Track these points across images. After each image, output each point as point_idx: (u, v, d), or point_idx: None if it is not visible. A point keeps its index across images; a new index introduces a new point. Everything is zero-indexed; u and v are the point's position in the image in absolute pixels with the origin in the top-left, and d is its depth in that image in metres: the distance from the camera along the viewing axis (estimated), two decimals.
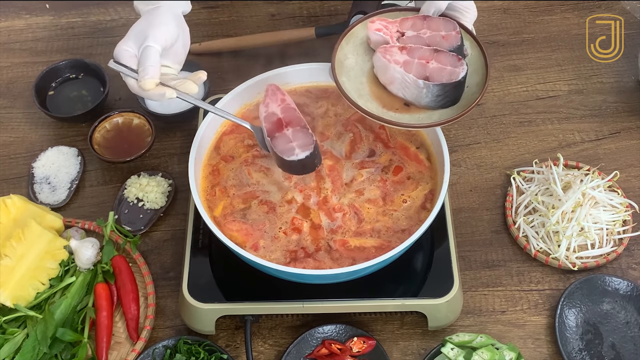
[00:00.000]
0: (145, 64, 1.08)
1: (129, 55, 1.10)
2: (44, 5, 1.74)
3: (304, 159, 1.12)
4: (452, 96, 1.13)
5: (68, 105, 1.54)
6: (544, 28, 1.67)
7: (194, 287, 1.21)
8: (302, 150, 1.12)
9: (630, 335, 1.24)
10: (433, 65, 1.11)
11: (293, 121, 1.16)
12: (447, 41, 1.14)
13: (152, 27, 1.11)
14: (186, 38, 1.18)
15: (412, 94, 1.14)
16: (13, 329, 1.21)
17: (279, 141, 1.13)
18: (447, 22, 1.15)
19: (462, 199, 1.41)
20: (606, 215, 1.32)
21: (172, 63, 1.16)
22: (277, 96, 1.19)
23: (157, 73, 1.08)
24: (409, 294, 1.21)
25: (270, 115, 1.17)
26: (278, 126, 1.15)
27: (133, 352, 1.21)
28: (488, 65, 1.15)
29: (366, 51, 1.20)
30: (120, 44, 1.11)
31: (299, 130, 1.14)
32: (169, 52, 1.13)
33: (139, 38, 1.11)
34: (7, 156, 1.49)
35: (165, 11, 1.14)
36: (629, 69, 1.59)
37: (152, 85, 1.08)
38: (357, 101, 1.15)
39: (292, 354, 1.21)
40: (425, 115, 1.14)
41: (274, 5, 1.72)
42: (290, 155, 1.12)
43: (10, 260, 1.23)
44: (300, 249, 1.16)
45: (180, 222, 1.39)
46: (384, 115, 1.14)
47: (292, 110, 1.17)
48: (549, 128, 1.51)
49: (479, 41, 1.17)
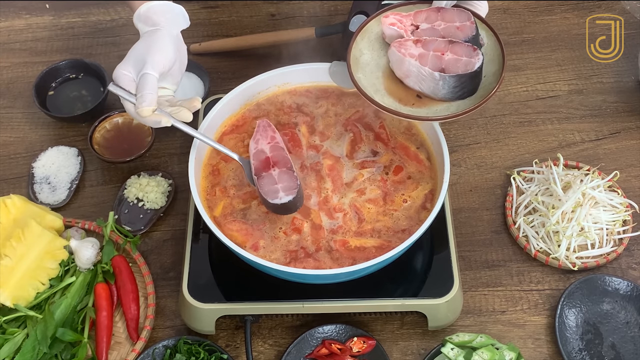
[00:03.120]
0: (143, 91, 1.10)
1: (127, 79, 1.12)
2: (44, 5, 1.74)
3: (287, 203, 1.14)
4: (469, 87, 1.12)
5: (68, 105, 1.54)
6: (544, 28, 1.67)
7: (194, 287, 1.21)
8: (286, 195, 1.14)
9: (630, 335, 1.24)
10: (448, 57, 1.10)
11: (280, 162, 1.18)
12: (462, 32, 1.13)
13: (150, 52, 1.12)
14: (183, 59, 1.20)
15: (428, 86, 1.13)
16: (13, 329, 1.21)
17: (265, 181, 1.16)
18: (461, 13, 1.14)
19: (462, 199, 1.41)
20: (606, 215, 1.32)
21: (169, 85, 1.18)
22: (268, 133, 1.22)
23: (154, 101, 1.10)
24: (409, 294, 1.21)
25: (259, 152, 1.20)
26: (265, 165, 1.18)
27: (133, 352, 1.21)
28: (504, 53, 1.14)
29: (382, 46, 1.19)
30: (120, 68, 1.12)
31: (284, 172, 1.17)
32: (166, 75, 1.16)
33: (138, 62, 1.12)
34: (7, 156, 1.49)
35: (164, 34, 1.15)
36: (629, 69, 1.59)
37: (149, 112, 1.10)
38: (374, 97, 1.14)
39: (292, 354, 1.21)
40: (443, 107, 1.13)
41: (274, 5, 1.72)
42: (274, 198, 1.14)
43: (10, 260, 1.23)
44: (301, 249, 1.16)
45: (180, 222, 1.39)
46: (402, 109, 1.13)
47: (281, 149, 1.20)
48: (549, 128, 1.51)
49: (494, 30, 1.16)
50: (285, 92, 1.33)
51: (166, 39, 1.15)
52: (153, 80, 1.11)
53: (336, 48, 1.51)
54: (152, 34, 1.16)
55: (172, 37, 1.16)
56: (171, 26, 1.17)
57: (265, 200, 1.15)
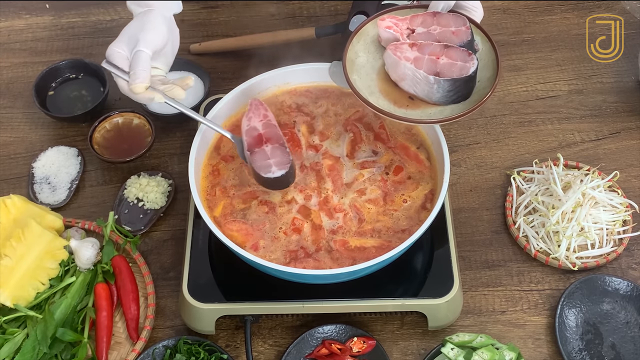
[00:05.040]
0: (137, 68, 1.11)
1: (120, 57, 1.14)
2: (44, 5, 1.74)
3: (280, 177, 1.15)
4: (463, 91, 1.12)
5: (68, 105, 1.54)
6: (544, 28, 1.67)
7: (194, 287, 1.21)
8: (279, 169, 1.15)
9: (630, 335, 1.24)
10: (443, 61, 1.11)
11: (273, 138, 1.18)
12: (457, 37, 1.14)
13: (144, 30, 1.14)
14: (175, 41, 1.22)
15: (423, 90, 1.13)
16: (13, 329, 1.21)
17: (257, 156, 1.16)
18: (457, 18, 1.15)
19: (462, 199, 1.41)
20: (606, 215, 1.32)
21: (162, 65, 1.19)
22: (260, 111, 1.22)
23: (147, 78, 1.11)
24: (409, 294, 1.21)
25: (252, 129, 1.19)
26: (258, 141, 1.18)
27: (133, 352, 1.21)
28: (499, 59, 1.15)
29: (377, 49, 1.20)
30: (113, 46, 1.14)
31: (277, 147, 1.17)
32: (159, 54, 1.17)
33: (131, 41, 1.14)
34: (7, 156, 1.49)
35: (157, 15, 1.18)
36: (629, 69, 1.59)
37: (142, 89, 1.11)
38: (369, 98, 1.15)
39: (292, 354, 1.21)
40: (437, 111, 1.14)
41: (274, 5, 1.72)
42: (267, 172, 1.15)
43: (10, 260, 1.23)
44: (300, 249, 1.16)
45: (180, 222, 1.39)
46: (396, 112, 1.14)
47: (273, 126, 1.20)
48: (549, 128, 1.51)
49: (489, 36, 1.17)
50: (285, 92, 1.33)
51: (159, 19, 1.17)
52: (146, 57, 1.12)
53: (336, 48, 1.51)
54: (146, 14, 1.18)
55: (165, 18, 1.18)
56: (164, 8, 1.20)
57: (258, 175, 1.15)
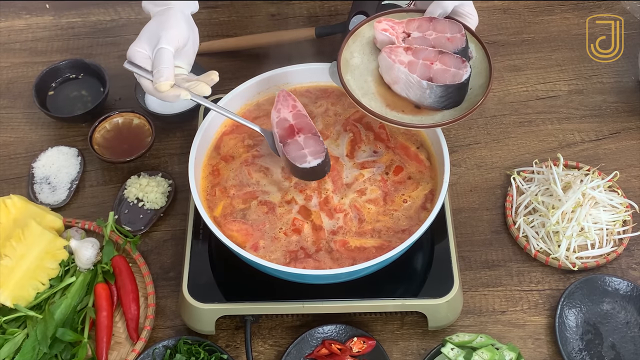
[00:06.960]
0: (160, 66, 1.09)
1: (142, 56, 1.11)
2: (44, 5, 1.74)
3: (316, 167, 1.14)
4: (455, 97, 1.13)
5: (68, 105, 1.54)
6: (544, 28, 1.67)
7: (194, 287, 1.21)
8: (314, 158, 1.14)
9: (630, 335, 1.24)
10: (437, 67, 1.12)
11: (304, 128, 1.17)
12: (452, 43, 1.14)
13: (164, 28, 1.12)
14: (196, 39, 1.19)
15: (415, 94, 1.14)
16: (13, 329, 1.21)
17: (291, 147, 1.15)
18: (453, 25, 1.16)
19: (462, 199, 1.41)
20: (606, 216, 1.32)
21: (184, 64, 1.17)
22: (289, 102, 1.21)
23: (171, 75, 1.09)
24: (409, 294, 1.21)
25: (282, 121, 1.18)
26: (290, 132, 1.17)
27: (133, 352, 1.21)
28: (492, 68, 1.16)
29: (372, 51, 1.20)
30: (134, 46, 1.12)
31: (310, 137, 1.16)
32: (180, 53, 1.15)
33: (152, 39, 1.12)
34: (7, 156, 1.49)
35: (176, 12, 1.15)
36: (629, 69, 1.59)
37: (167, 87, 1.09)
38: (361, 100, 1.15)
39: (292, 354, 1.21)
40: (428, 116, 1.15)
41: (274, 5, 1.72)
42: (303, 163, 1.14)
43: (10, 260, 1.23)
44: (300, 249, 1.16)
45: (180, 222, 1.39)
46: (387, 114, 1.14)
47: (304, 116, 1.19)
48: (549, 128, 1.51)
49: (483, 44, 1.18)
50: None
51: (178, 15, 1.15)
52: (169, 54, 1.10)
53: (336, 48, 1.51)
54: (164, 12, 1.15)
55: (184, 15, 1.16)
56: (182, 6, 1.17)
57: (294, 167, 1.14)
